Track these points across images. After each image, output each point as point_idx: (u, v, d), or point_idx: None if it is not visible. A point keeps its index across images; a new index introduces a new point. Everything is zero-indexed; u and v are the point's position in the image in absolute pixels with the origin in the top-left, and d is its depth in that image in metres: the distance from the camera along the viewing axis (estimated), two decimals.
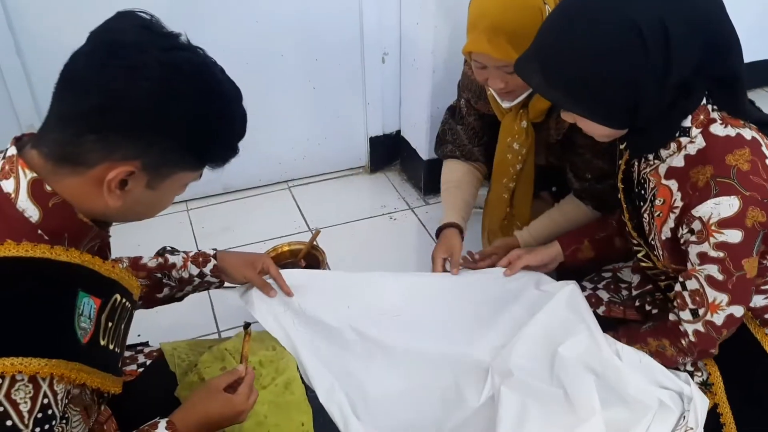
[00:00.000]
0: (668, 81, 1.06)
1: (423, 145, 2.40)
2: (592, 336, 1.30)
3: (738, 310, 1.17)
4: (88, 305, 0.89)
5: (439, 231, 1.73)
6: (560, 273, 1.59)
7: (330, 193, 2.57)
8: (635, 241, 1.37)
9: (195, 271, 1.37)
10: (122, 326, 1.01)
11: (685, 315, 1.22)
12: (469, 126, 1.82)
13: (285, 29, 2.23)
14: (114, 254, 1.08)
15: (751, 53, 3.11)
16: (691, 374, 1.29)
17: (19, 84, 1.99)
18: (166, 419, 1.07)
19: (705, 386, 1.28)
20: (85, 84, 0.84)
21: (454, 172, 1.84)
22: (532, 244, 1.67)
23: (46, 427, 0.84)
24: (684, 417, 1.21)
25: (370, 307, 1.44)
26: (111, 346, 0.97)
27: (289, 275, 1.46)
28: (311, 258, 1.86)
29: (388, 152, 2.65)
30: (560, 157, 1.68)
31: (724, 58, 1.09)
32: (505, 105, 1.58)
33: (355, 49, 2.35)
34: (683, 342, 1.24)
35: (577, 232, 1.60)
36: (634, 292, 1.49)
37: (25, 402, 0.82)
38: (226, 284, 1.45)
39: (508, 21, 1.36)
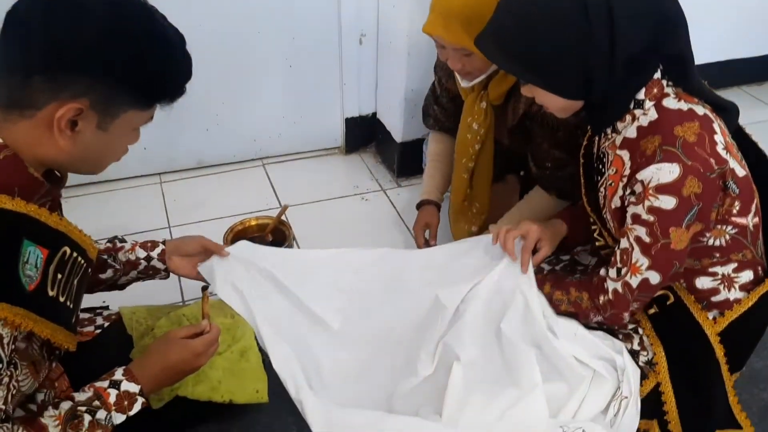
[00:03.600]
0: (616, 57, 1.11)
1: (397, 128, 2.41)
2: (528, 307, 1.32)
3: (654, 277, 1.21)
4: (33, 254, 0.90)
5: (419, 206, 1.92)
6: None
7: (304, 172, 2.58)
8: (591, 218, 1.40)
9: (142, 254, 1.37)
10: (75, 281, 1.02)
11: (612, 272, 1.26)
12: (443, 107, 1.88)
13: (263, 7, 2.23)
14: (89, 224, 1.09)
15: (730, 52, 3.17)
16: (637, 353, 1.33)
17: None
18: (123, 367, 1.10)
19: (649, 365, 1.32)
20: (29, 26, 0.87)
21: (438, 144, 1.96)
22: None
23: None
24: (619, 388, 1.25)
25: (325, 282, 1.46)
26: (62, 299, 0.98)
27: (248, 249, 1.46)
28: (278, 233, 1.87)
29: (363, 134, 2.66)
30: (522, 142, 1.71)
31: (672, 36, 1.14)
32: (464, 84, 1.62)
33: (333, 28, 2.35)
34: (601, 299, 1.27)
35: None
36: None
37: None
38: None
39: (463, 6, 1.39)
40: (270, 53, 2.35)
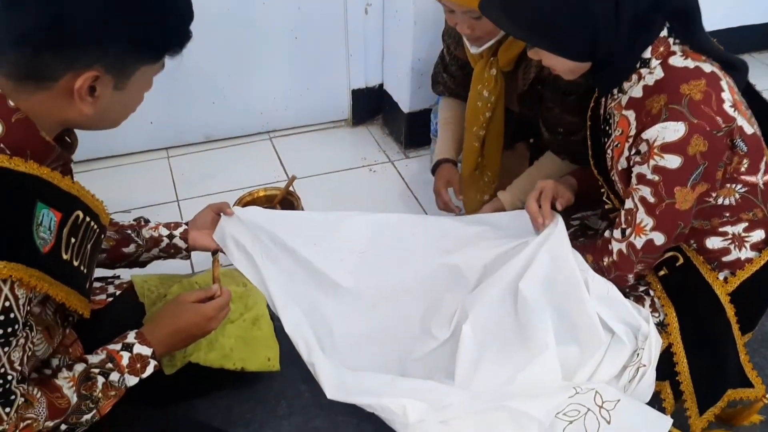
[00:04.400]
0: (621, 15, 1.09)
1: (404, 98, 2.40)
2: (555, 263, 1.30)
3: (658, 238, 1.21)
4: (47, 216, 0.90)
5: (435, 167, 1.88)
6: None
7: (311, 145, 2.57)
8: (598, 180, 1.39)
9: (165, 232, 1.40)
10: (88, 246, 1.02)
11: (617, 233, 1.25)
12: (452, 75, 1.87)
13: None
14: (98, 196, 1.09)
15: (741, 18, 3.13)
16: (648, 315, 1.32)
17: None
18: (136, 330, 1.10)
19: (661, 327, 1.32)
20: (25, 4, 0.85)
21: (449, 110, 1.94)
22: (517, 205, 1.71)
23: (9, 330, 0.86)
24: (637, 354, 1.25)
25: (337, 245, 1.45)
26: (75, 263, 0.98)
27: (259, 213, 1.47)
28: (286, 203, 1.87)
29: (370, 106, 2.64)
30: (532, 109, 1.69)
31: None
32: (474, 50, 1.60)
33: None
34: (605, 260, 1.27)
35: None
36: None
37: None
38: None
39: None
40: (275, 24, 2.33)
